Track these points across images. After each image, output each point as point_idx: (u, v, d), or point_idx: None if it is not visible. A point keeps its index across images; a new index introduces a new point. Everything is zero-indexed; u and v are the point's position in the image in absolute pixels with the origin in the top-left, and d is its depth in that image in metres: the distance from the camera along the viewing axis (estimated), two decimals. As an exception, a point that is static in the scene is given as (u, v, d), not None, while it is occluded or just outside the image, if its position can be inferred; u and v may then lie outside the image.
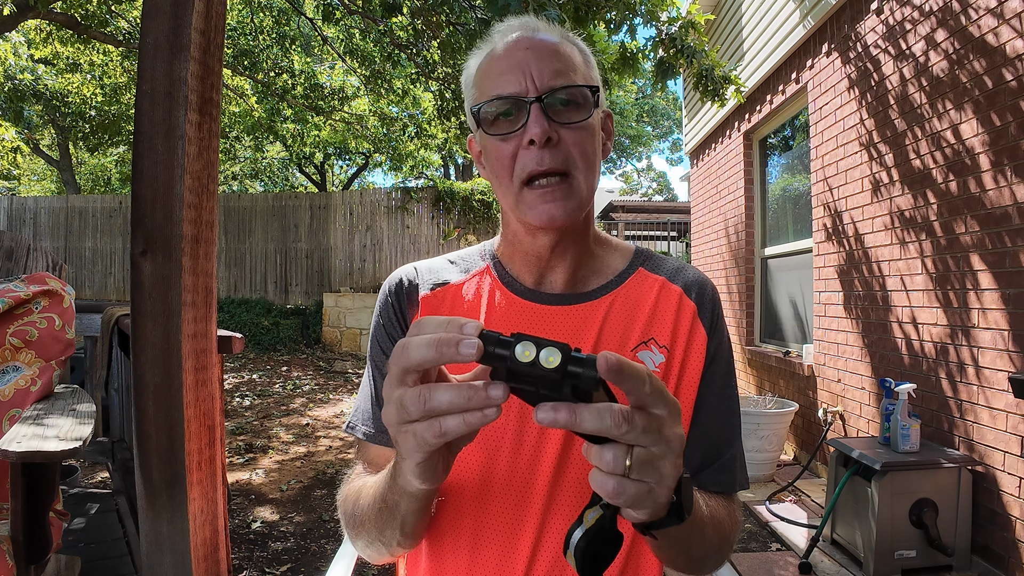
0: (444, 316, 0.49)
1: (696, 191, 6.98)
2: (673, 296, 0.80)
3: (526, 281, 0.81)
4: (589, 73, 0.77)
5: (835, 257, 3.77)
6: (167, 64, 1.35)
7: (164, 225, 1.36)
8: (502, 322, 0.79)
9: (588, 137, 0.73)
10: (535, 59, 0.72)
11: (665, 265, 0.84)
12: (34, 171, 17.61)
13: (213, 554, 1.46)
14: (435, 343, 0.45)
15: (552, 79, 0.72)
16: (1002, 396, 2.43)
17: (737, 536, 0.78)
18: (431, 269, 0.86)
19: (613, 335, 0.77)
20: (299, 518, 3.24)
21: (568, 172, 0.72)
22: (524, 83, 0.72)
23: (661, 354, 0.77)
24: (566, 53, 0.75)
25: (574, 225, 0.77)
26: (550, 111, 0.71)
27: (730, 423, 0.80)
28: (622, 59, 4.34)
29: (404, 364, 0.46)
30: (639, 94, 21.44)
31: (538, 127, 0.70)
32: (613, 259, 0.84)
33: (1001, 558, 2.42)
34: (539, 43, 0.74)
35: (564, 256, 0.79)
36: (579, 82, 0.73)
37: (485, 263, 0.85)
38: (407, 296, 0.83)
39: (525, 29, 0.76)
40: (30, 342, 1.90)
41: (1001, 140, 2.45)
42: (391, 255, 10.07)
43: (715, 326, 0.80)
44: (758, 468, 3.79)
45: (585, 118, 0.73)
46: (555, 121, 0.72)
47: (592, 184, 0.75)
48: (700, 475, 0.77)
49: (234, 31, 7.88)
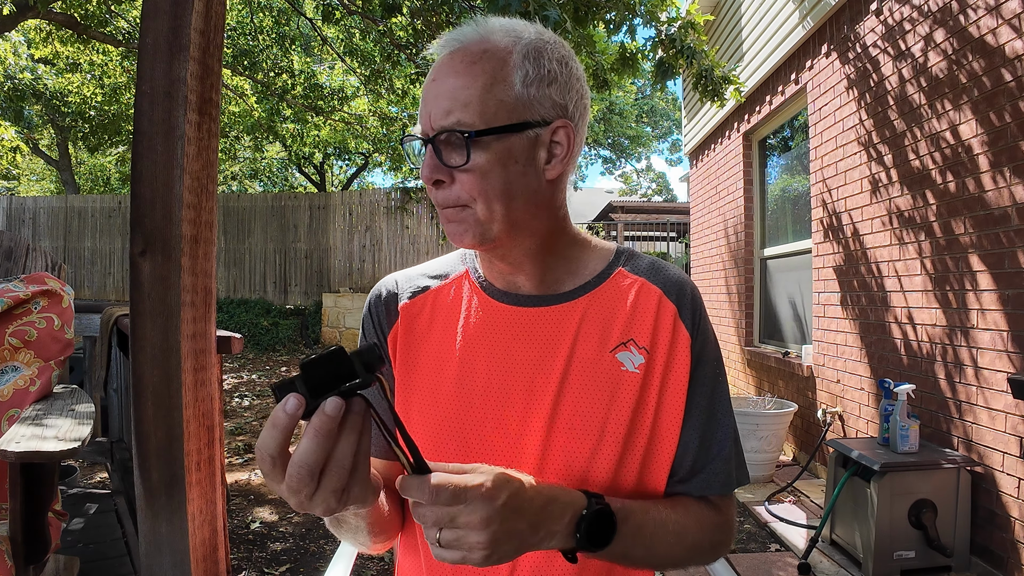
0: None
1: (695, 192, 6.98)
2: (652, 297, 0.79)
3: (499, 284, 0.82)
4: (501, 99, 0.70)
5: (834, 258, 3.77)
6: (166, 64, 1.34)
7: (163, 225, 1.35)
8: (480, 324, 0.80)
9: (478, 176, 0.70)
10: (434, 94, 0.71)
11: (644, 265, 0.83)
12: (33, 171, 17.61)
13: (212, 554, 1.46)
14: (269, 424, 0.52)
15: (442, 118, 0.70)
16: (1001, 397, 2.43)
17: (724, 536, 0.79)
18: (410, 277, 0.87)
19: (591, 336, 0.77)
20: (298, 518, 3.24)
21: (466, 205, 0.72)
22: (426, 121, 0.72)
23: (640, 355, 0.76)
24: (472, 79, 0.70)
25: (509, 243, 0.75)
26: (444, 150, 0.71)
27: (723, 424, 0.79)
28: (622, 59, 4.34)
29: (268, 454, 0.52)
30: (639, 94, 21.45)
31: (426, 170, 0.71)
32: (591, 260, 0.83)
33: (1000, 559, 2.42)
34: (446, 71, 0.71)
35: (522, 265, 0.79)
36: (466, 119, 0.69)
37: (465, 267, 0.86)
38: (385, 308, 0.85)
39: (446, 47, 0.73)
40: (29, 342, 1.90)
41: (1000, 140, 2.46)
42: (390, 255, 10.07)
43: (698, 327, 0.79)
44: (757, 469, 3.79)
45: (463, 163, 0.69)
46: (444, 164, 0.71)
47: (498, 214, 0.72)
48: (693, 479, 0.78)
49: (234, 31, 7.88)
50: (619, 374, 0.75)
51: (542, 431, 0.74)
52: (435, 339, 0.81)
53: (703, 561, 0.80)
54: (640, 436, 0.75)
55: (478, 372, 0.77)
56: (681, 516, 0.75)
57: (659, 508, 0.73)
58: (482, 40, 0.72)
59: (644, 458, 0.76)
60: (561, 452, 0.73)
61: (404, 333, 0.82)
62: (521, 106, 0.71)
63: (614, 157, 23.10)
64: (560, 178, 0.76)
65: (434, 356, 0.80)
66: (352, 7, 5.51)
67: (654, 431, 0.76)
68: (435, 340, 0.81)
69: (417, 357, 0.81)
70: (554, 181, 0.75)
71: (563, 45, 0.76)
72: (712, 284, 6.21)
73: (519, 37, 0.73)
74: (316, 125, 9.09)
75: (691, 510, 0.77)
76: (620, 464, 0.74)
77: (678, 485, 0.78)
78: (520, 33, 0.73)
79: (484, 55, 0.71)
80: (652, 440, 0.76)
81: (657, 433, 0.76)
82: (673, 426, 0.76)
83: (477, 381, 0.77)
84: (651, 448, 0.76)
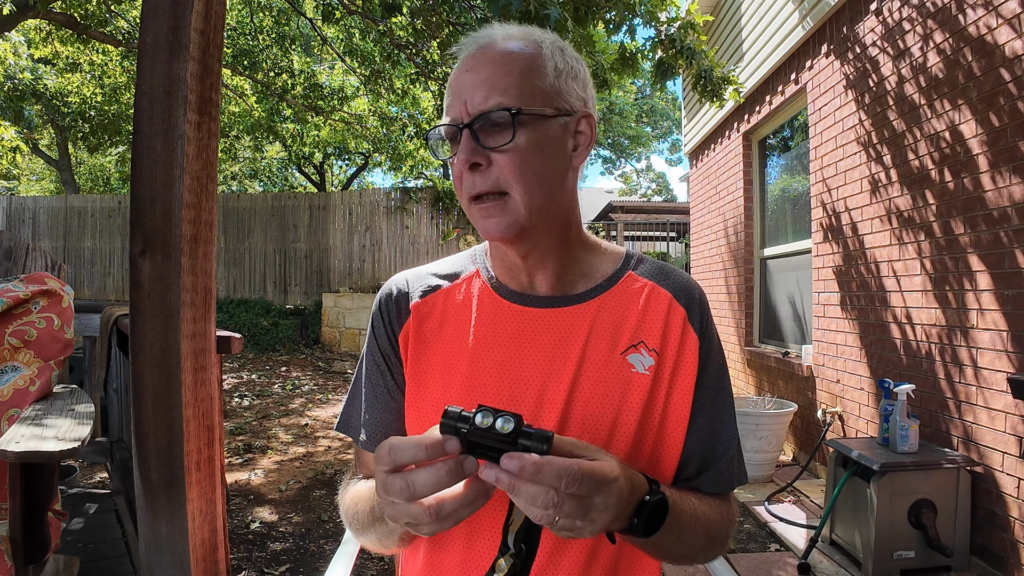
0: (415, 437, 0.58)
1: (695, 192, 6.98)
2: (663, 301, 0.81)
3: (512, 285, 0.83)
4: (536, 84, 0.74)
5: (834, 258, 3.77)
6: (166, 64, 1.35)
7: (163, 225, 1.35)
8: (492, 325, 0.80)
9: (519, 158, 0.72)
10: (471, 84, 0.73)
11: (654, 269, 0.85)
12: (33, 171, 17.60)
13: (212, 554, 1.46)
14: (424, 446, 0.56)
15: (482, 103, 0.72)
16: (1001, 397, 2.43)
17: (732, 530, 0.82)
18: (420, 276, 0.88)
19: (602, 338, 0.78)
20: (298, 518, 3.24)
21: (504, 192, 0.73)
22: (461, 109, 0.73)
23: (651, 357, 0.78)
24: (508, 67, 0.73)
25: (538, 235, 0.77)
26: (481, 135, 0.72)
27: (727, 424, 0.82)
28: (621, 59, 4.34)
29: (395, 463, 0.57)
30: (638, 94, 21.45)
31: (463, 154, 0.72)
32: (602, 263, 0.84)
33: (1000, 559, 2.42)
34: (481, 63, 0.74)
35: (542, 263, 0.80)
36: (507, 102, 0.71)
37: (475, 267, 0.87)
38: (396, 306, 0.85)
39: (477, 44, 0.76)
40: (29, 342, 1.90)
41: (1000, 140, 2.46)
42: (390, 255, 10.07)
43: (705, 330, 0.81)
44: (757, 468, 3.79)
45: (506, 142, 0.72)
46: (483, 147, 0.72)
47: (536, 200, 0.74)
48: (699, 478, 0.80)
49: (234, 31, 7.88)
50: (629, 375, 0.77)
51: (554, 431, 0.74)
52: (446, 339, 0.82)
53: (710, 556, 0.81)
54: (647, 436, 0.77)
55: (490, 372, 0.78)
56: (707, 508, 0.77)
57: (690, 498, 0.75)
58: (511, 37, 0.77)
59: (650, 457, 0.77)
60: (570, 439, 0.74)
61: (415, 332, 0.83)
62: (554, 94, 0.75)
63: (614, 157, 23.10)
64: (580, 168, 0.80)
65: (445, 355, 0.81)
66: (352, 7, 5.51)
67: (661, 431, 0.78)
68: (446, 340, 0.81)
69: (428, 356, 0.81)
70: (577, 169, 0.79)
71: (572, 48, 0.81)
72: (712, 284, 6.22)
73: (543, 36, 0.78)
74: (316, 125, 9.09)
75: (712, 503, 0.79)
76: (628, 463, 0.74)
77: (688, 483, 0.80)
78: (541, 35, 0.79)
79: (518, 48, 0.75)
80: (658, 440, 0.78)
81: (663, 433, 0.78)
82: (679, 426, 0.78)
83: (489, 381, 0.78)
84: (657, 447, 0.78)
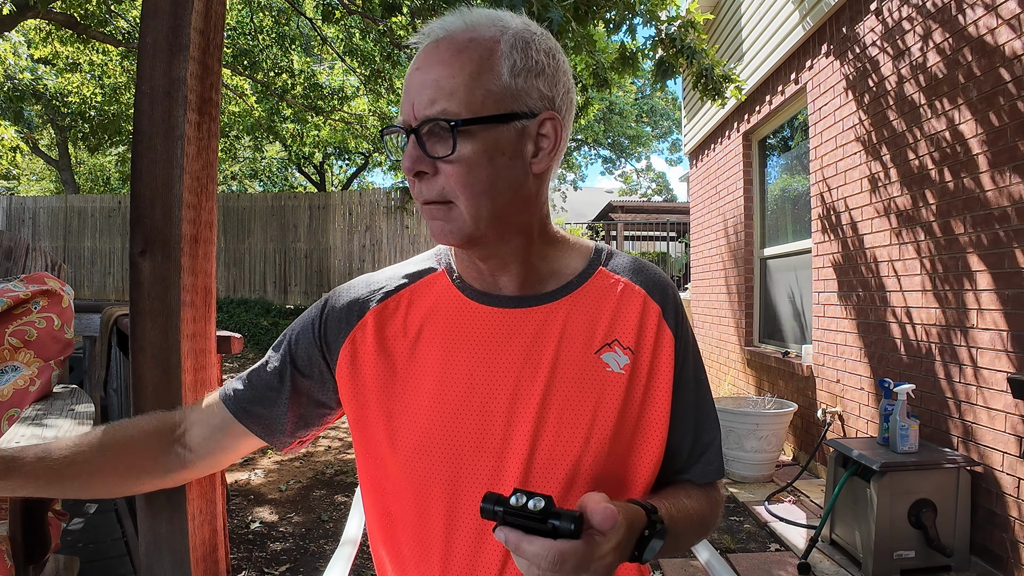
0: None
1: (695, 191, 6.98)
2: (637, 298, 0.79)
3: (478, 285, 0.79)
4: (489, 87, 0.68)
5: (834, 257, 3.77)
6: (166, 64, 1.34)
7: (163, 225, 1.35)
8: (460, 327, 0.77)
9: (464, 169, 0.68)
10: (419, 84, 0.69)
11: (626, 265, 0.83)
12: (33, 171, 17.61)
13: (212, 554, 1.46)
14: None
15: (427, 107, 0.68)
16: (1001, 396, 2.43)
17: (721, 512, 0.84)
18: (379, 281, 0.83)
19: (575, 338, 0.76)
20: (298, 518, 3.24)
21: (448, 200, 0.70)
22: (409, 111, 0.69)
23: (626, 355, 0.76)
24: (459, 67, 0.68)
25: (492, 242, 0.73)
26: (427, 142, 0.68)
27: (710, 415, 0.82)
28: (622, 58, 4.34)
29: None
30: (638, 94, 21.44)
31: (407, 161, 0.69)
32: (571, 259, 0.81)
33: (1000, 558, 2.42)
34: (431, 61, 0.69)
35: (504, 267, 0.77)
36: (452, 108, 0.66)
37: (440, 267, 0.83)
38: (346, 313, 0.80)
39: (430, 38, 0.71)
40: (29, 342, 1.90)
41: (1000, 140, 2.46)
42: (390, 255, 10.07)
43: (680, 327, 0.80)
44: (757, 468, 3.79)
45: (447, 154, 0.67)
46: (429, 155, 0.68)
47: (483, 211, 0.70)
48: (690, 471, 0.81)
49: (234, 31, 7.88)
50: (604, 375, 0.75)
51: (529, 434, 0.72)
52: (410, 342, 0.77)
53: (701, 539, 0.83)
54: (624, 436, 0.75)
55: (459, 377, 0.75)
56: (698, 503, 0.78)
57: (683, 500, 0.76)
58: (468, 29, 0.70)
59: (628, 458, 0.76)
60: (548, 455, 0.72)
61: (375, 338, 0.78)
62: (509, 96, 0.69)
63: (614, 157, 23.08)
64: (545, 173, 0.74)
65: (412, 360, 0.77)
66: (352, 7, 5.51)
67: (639, 430, 0.76)
68: (410, 343, 0.77)
69: (393, 360, 0.77)
70: (540, 175, 0.74)
71: (550, 37, 0.74)
72: (712, 284, 6.21)
73: (506, 27, 0.71)
74: (316, 125, 9.09)
75: (703, 495, 0.80)
76: (606, 464, 0.74)
77: (678, 475, 0.81)
78: (507, 23, 0.71)
79: (470, 44, 0.69)
80: (637, 440, 0.76)
81: (642, 432, 0.76)
82: (658, 424, 0.77)
83: (459, 385, 0.74)
84: (635, 447, 0.76)
